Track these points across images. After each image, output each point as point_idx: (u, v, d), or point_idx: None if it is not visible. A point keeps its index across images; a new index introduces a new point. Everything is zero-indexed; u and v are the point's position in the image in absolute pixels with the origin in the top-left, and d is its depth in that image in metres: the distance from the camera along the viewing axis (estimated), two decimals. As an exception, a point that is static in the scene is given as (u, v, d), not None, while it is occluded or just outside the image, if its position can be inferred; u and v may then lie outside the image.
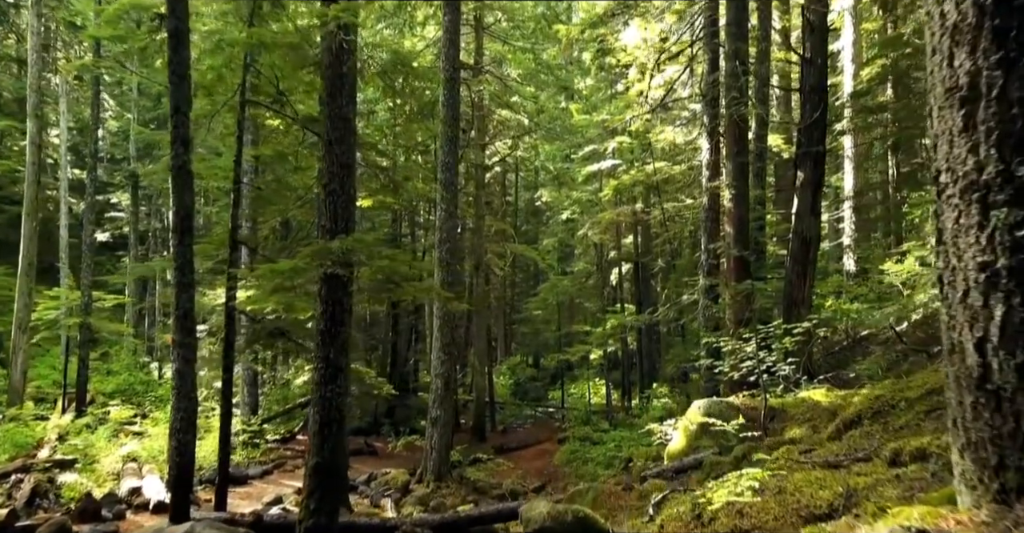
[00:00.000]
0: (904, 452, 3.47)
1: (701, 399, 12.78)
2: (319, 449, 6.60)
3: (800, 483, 3.54)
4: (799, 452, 5.00)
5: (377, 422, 23.55)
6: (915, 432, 4.49)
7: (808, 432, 7.17)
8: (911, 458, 3.38)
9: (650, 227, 24.34)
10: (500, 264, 27.47)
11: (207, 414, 17.54)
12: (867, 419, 5.36)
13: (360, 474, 15.12)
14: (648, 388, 23.80)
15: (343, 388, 6.80)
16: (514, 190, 33.85)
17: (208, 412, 17.69)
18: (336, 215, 6.88)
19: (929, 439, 3.43)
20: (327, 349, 6.77)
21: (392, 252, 7.10)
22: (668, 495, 4.75)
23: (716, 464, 6.98)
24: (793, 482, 3.59)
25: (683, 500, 4.40)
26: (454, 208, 14.38)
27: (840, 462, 4.04)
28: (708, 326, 12.72)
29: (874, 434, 4.83)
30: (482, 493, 14.48)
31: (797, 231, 12.08)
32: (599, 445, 17.63)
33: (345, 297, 6.87)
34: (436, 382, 14.22)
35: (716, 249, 12.79)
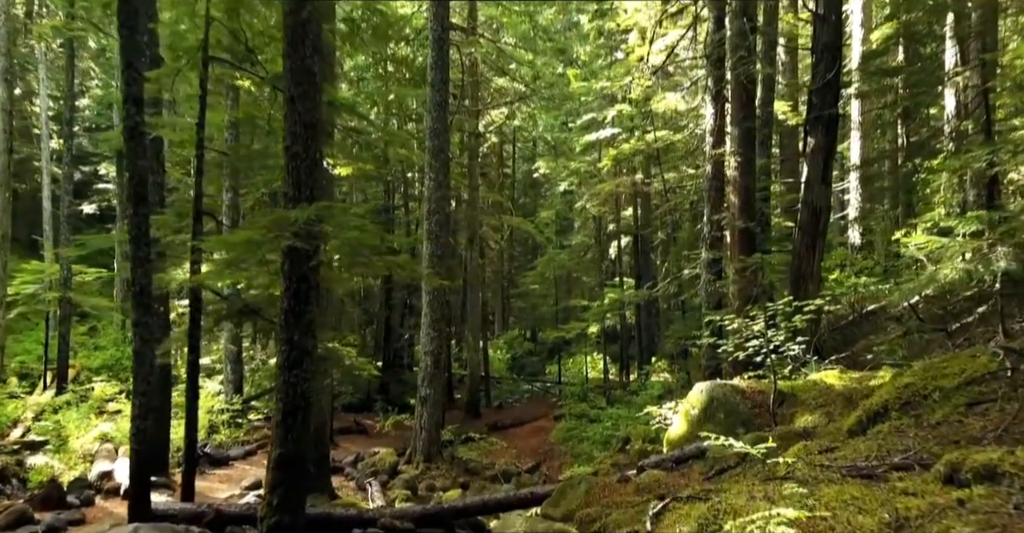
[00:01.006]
0: (964, 467, 2.83)
1: (702, 380, 12.17)
2: (283, 440, 5.98)
3: (832, 502, 2.89)
4: (818, 451, 4.36)
5: (369, 399, 23.06)
6: (958, 431, 3.84)
7: (822, 420, 6.55)
8: (975, 476, 2.73)
9: (650, 199, 23.57)
10: (496, 237, 26.79)
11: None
12: (895, 411, 4.72)
13: (347, 454, 14.61)
14: (647, 363, 23.26)
15: (310, 373, 6.15)
16: (512, 162, 32.99)
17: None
18: (299, 181, 6.16)
19: (1000, 454, 2.78)
20: (291, 330, 6.11)
21: (362, 222, 6.40)
22: (669, 504, 4.12)
23: (721, 456, 6.37)
24: (822, 500, 2.95)
25: (686, 514, 3.77)
26: (443, 177, 13.63)
27: (875, 470, 3.41)
28: (710, 302, 12.06)
29: (906, 431, 4.19)
30: (474, 474, 13.98)
31: (806, 201, 11.36)
32: (596, 423, 17.11)
33: (311, 273, 6.19)
34: (426, 360, 13.62)
35: (720, 221, 12.07)
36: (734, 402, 7.58)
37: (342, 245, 6.26)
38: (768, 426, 7.14)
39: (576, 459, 15.07)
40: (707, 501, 3.88)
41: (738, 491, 3.81)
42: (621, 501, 5.90)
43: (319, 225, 5.91)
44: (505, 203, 28.21)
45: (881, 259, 21.62)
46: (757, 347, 8.04)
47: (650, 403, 16.11)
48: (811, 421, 6.60)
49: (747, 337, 8.27)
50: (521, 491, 7.47)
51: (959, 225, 7.48)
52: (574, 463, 14.92)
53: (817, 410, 6.85)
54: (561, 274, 28.94)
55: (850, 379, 7.55)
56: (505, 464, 14.27)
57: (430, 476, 13.12)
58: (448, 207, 17.45)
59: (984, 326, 8.54)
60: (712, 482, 6.02)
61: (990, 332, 8.18)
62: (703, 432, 7.79)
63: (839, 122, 12.26)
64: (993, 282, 6.95)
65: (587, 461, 14.36)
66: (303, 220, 5.82)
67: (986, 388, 4.31)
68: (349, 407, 22.37)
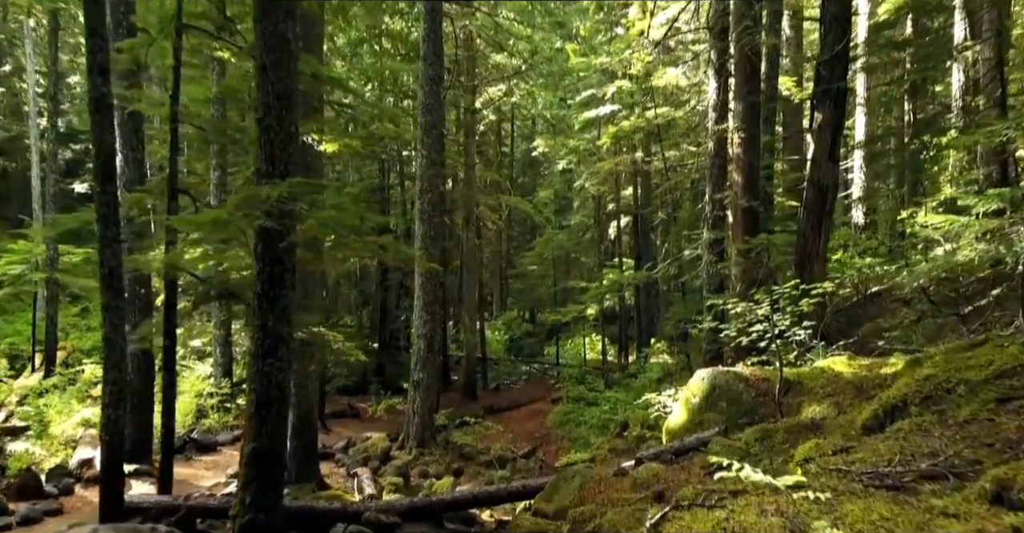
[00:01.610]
0: (1017, 485, 2.44)
1: (702, 363, 11.83)
2: (256, 433, 5.61)
3: (858, 522, 2.50)
4: (832, 450, 3.98)
5: (365, 381, 22.76)
6: (991, 432, 3.45)
7: (831, 410, 6.17)
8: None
9: (650, 177, 23.09)
10: (493, 218, 26.31)
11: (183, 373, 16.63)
12: (915, 406, 4.33)
13: (339, 439, 14.30)
14: (646, 345, 22.93)
15: (286, 362, 5.76)
16: (510, 140, 32.42)
17: (184, 371, 16.79)
18: (273, 156, 5.72)
19: (1061, 472, 2.40)
20: (265, 316, 5.71)
21: (339, 200, 5.97)
22: (668, 513, 3.74)
23: (724, 448, 6.00)
24: (847, 520, 2.57)
25: (687, 526, 3.39)
26: (437, 155, 13.16)
27: (901, 478, 3.02)
28: (711, 284, 11.66)
29: (930, 430, 3.80)
30: (468, 459, 13.67)
31: (813, 179, 10.90)
32: (594, 406, 16.82)
33: (286, 255, 5.78)
34: (419, 343, 13.25)
35: (722, 200, 11.63)
36: (737, 390, 7.21)
37: (319, 225, 5.83)
38: (773, 417, 6.77)
39: (573, 444, 14.78)
40: (711, 510, 3.50)
41: (746, 502, 3.43)
42: (617, 498, 5.54)
43: (293, 203, 5.48)
44: (503, 182, 27.71)
45: (886, 239, 21.21)
46: (761, 332, 7.64)
47: (649, 387, 15.83)
48: (819, 411, 6.22)
49: (751, 321, 7.88)
50: (512, 484, 7.14)
51: (978, 203, 7.05)
52: (571, 448, 14.63)
53: (825, 400, 6.47)
54: (560, 255, 28.53)
55: (859, 366, 7.16)
56: (500, 449, 13.96)
57: (423, 462, 12.81)
58: (442, 186, 17.00)
59: (1000, 310, 8.15)
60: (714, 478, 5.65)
61: (1007, 316, 7.79)
62: (704, 421, 7.44)
63: (847, 96, 11.77)
64: (1016, 264, 6.53)
65: (584, 446, 14.06)
66: (275, 198, 5.39)
67: (1018, 382, 3.92)
68: (344, 390, 22.08)
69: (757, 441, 5.72)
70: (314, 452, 10.36)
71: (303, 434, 10.14)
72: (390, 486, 11.31)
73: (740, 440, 5.98)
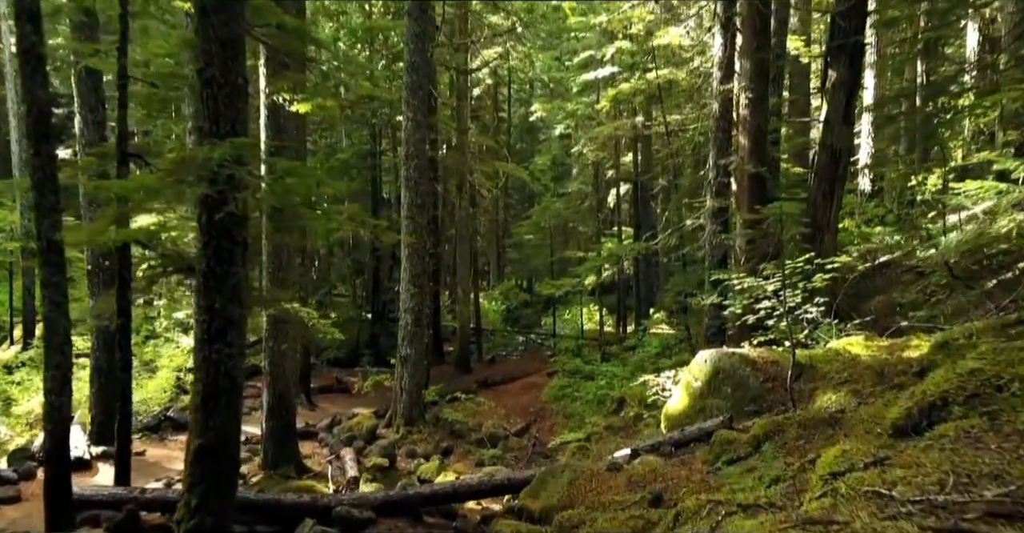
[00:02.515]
0: None
1: (703, 340, 11.22)
2: (203, 428, 4.97)
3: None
4: (864, 462, 3.32)
5: (357, 353, 22.21)
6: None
7: (849, 400, 5.54)
8: None
9: (651, 143, 22.23)
10: (489, 185, 25.48)
11: (163, 346, 16.05)
12: (958, 405, 3.67)
13: (325, 416, 13.75)
14: (645, 316, 22.32)
15: (236, 347, 5.10)
16: (507, 105, 31.41)
17: (165, 345, 16.20)
18: (217, 113, 4.98)
19: None
20: (212, 296, 5.02)
21: (295, 165, 5.24)
22: None
23: (729, 442, 5.38)
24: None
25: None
26: (423, 117, 12.35)
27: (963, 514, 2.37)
28: (714, 255, 10.97)
29: (983, 440, 3.15)
30: (459, 437, 13.14)
31: (825, 143, 10.17)
32: (590, 381, 16.26)
33: (235, 227, 5.07)
34: (406, 317, 12.61)
35: (727, 165, 10.87)
36: (743, 375, 6.58)
37: (272, 193, 5.12)
38: (783, 404, 6.16)
39: (568, 420, 14.25)
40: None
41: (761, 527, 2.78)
42: (609, 501, 4.93)
43: (237, 168, 4.75)
44: (501, 149, 26.82)
45: (895, 207, 20.45)
46: (769, 309, 6.99)
47: (647, 361, 15.27)
48: (836, 401, 5.60)
49: (757, 297, 7.22)
50: (497, 477, 6.54)
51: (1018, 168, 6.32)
52: (566, 425, 14.11)
53: (842, 387, 5.84)
54: (557, 223, 27.75)
55: (878, 348, 6.53)
56: (492, 426, 13.42)
57: (411, 440, 12.28)
58: (430, 151, 16.20)
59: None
60: (719, 474, 5.04)
61: (1040, 293, 7.13)
62: (707, 408, 6.83)
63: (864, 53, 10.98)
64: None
65: (579, 423, 13.53)
66: (217, 161, 4.67)
67: (1090, 382, 3.26)
68: (335, 362, 21.53)
69: (768, 436, 5.09)
70: (292, 433, 9.79)
71: (280, 415, 9.56)
72: (374, 468, 10.79)
73: (748, 433, 5.35)
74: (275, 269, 9.41)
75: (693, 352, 15.02)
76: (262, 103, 9.30)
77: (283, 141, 9.30)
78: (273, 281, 9.41)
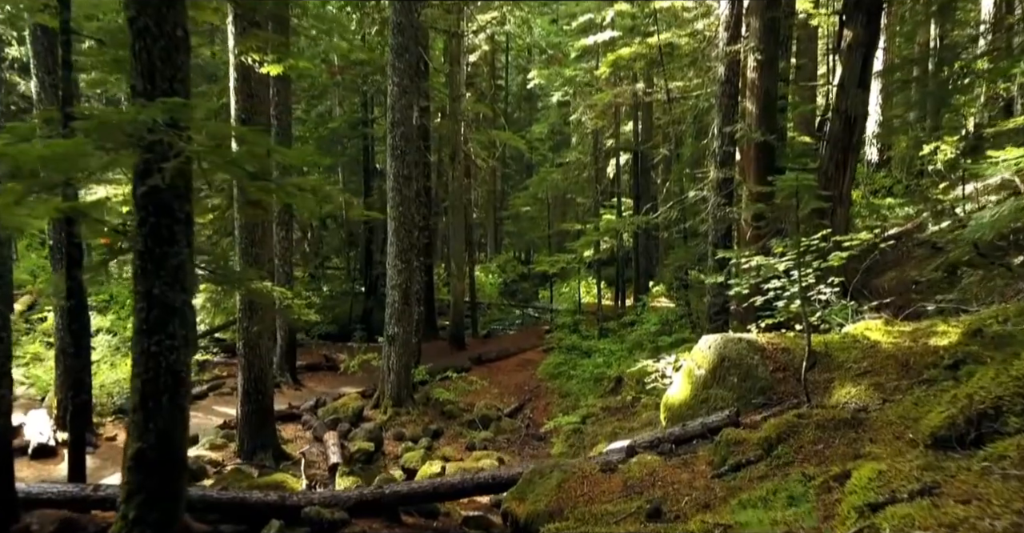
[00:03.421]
0: None
1: (706, 322, 10.64)
2: (143, 431, 4.39)
3: None
4: (909, 489, 2.75)
5: (349, 328, 21.67)
6: None
7: (871, 395, 4.96)
8: None
9: (652, 112, 21.43)
10: (484, 155, 24.71)
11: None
12: (1015, 416, 3.09)
13: (311, 396, 13.23)
14: (644, 290, 21.77)
15: (180, 338, 4.50)
16: (504, 73, 30.46)
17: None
18: (151, 69, 4.30)
19: None
20: (150, 281, 4.41)
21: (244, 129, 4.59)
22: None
23: (736, 443, 4.81)
24: None
25: None
26: (409, 81, 11.59)
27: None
28: (718, 230, 10.33)
29: (1057, 465, 2.58)
30: (450, 418, 12.65)
31: (839, 108, 9.45)
32: (587, 358, 15.75)
33: (176, 201, 4.43)
34: (393, 295, 12.02)
35: (733, 133, 10.17)
36: (750, 363, 5.99)
37: (217, 163, 4.46)
38: (795, 397, 5.58)
39: (564, 399, 13.76)
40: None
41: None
42: (602, 512, 4.38)
43: (172, 133, 4.10)
44: (498, 118, 25.99)
45: (903, 178, 19.73)
46: (778, 289, 6.38)
47: (646, 339, 14.73)
48: (857, 396, 5.02)
49: (765, 277, 6.60)
50: (481, 474, 6.00)
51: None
52: (561, 404, 13.60)
53: (862, 379, 5.26)
54: (555, 195, 27.03)
55: (900, 333, 5.93)
56: (485, 407, 12.92)
57: (399, 423, 11.78)
58: (420, 118, 15.46)
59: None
60: (725, 481, 4.48)
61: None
62: (710, 399, 6.27)
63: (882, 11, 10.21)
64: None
65: (575, 403, 13.03)
66: (149, 124, 4.01)
67: None
68: (327, 336, 21.02)
69: (781, 438, 4.52)
70: (269, 419, 9.26)
71: (256, 400, 9.01)
72: (359, 453, 10.30)
73: (758, 433, 4.78)
74: (248, 245, 8.79)
75: (693, 329, 14.55)
76: (231, 65, 8.58)
77: (253, 106, 8.60)
78: (246, 258, 8.80)
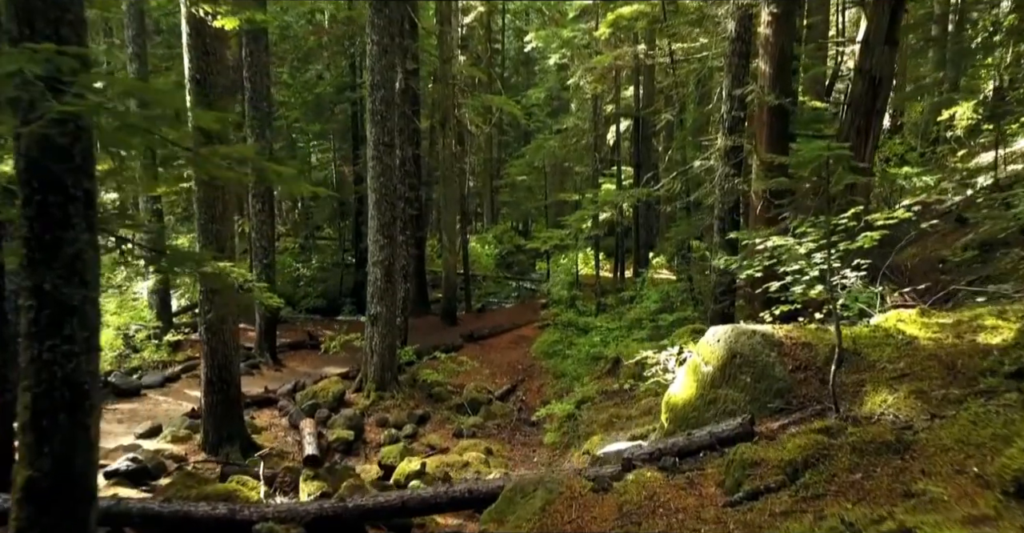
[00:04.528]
0: None
1: (711, 303, 9.84)
2: (36, 454, 3.62)
3: None
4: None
5: (338, 302, 20.93)
6: None
7: (914, 406, 4.17)
8: None
9: (654, 76, 20.35)
10: (479, 121, 23.66)
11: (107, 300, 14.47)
12: None
13: (292, 377, 12.51)
14: (644, 262, 20.96)
15: (80, 342, 3.69)
16: (501, 36, 29.20)
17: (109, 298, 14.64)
18: (30, 11, 3.43)
19: None
20: (39, 274, 3.58)
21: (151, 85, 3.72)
22: None
23: (752, 464, 4.05)
24: None
25: None
26: (389, 40, 10.62)
27: None
28: (726, 203, 9.48)
29: None
30: (437, 402, 11.95)
31: (862, 68, 8.53)
32: (584, 335, 15.02)
33: (71, 174, 3.59)
34: (375, 272, 11.23)
35: (744, 96, 9.25)
36: (766, 361, 5.21)
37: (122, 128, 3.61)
38: (818, 403, 4.81)
39: (558, 381, 13.06)
40: None
41: None
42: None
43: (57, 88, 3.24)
44: (495, 84, 24.90)
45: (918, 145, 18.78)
46: (796, 273, 5.57)
47: (646, 318, 13.96)
48: (894, 406, 4.24)
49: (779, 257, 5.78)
50: (456, 488, 5.25)
51: None
52: (556, 385, 12.91)
53: (900, 384, 4.48)
54: (553, 163, 26.06)
55: (939, 326, 5.14)
56: (475, 389, 12.21)
57: (382, 407, 11.09)
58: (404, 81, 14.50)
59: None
60: (740, 513, 3.72)
61: None
62: (719, 400, 5.50)
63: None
64: None
65: (570, 384, 12.33)
66: (17, 78, 3.16)
67: None
68: (315, 310, 20.30)
69: (808, 462, 3.75)
70: (236, 409, 8.52)
71: (221, 389, 8.27)
72: (338, 442, 9.61)
73: (779, 452, 4.01)
74: (207, 221, 7.95)
75: (696, 307, 13.80)
76: (183, 18, 7.64)
77: (209, 64, 7.68)
78: (205, 235, 7.97)
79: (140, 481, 7.02)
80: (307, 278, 22.92)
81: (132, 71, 12.54)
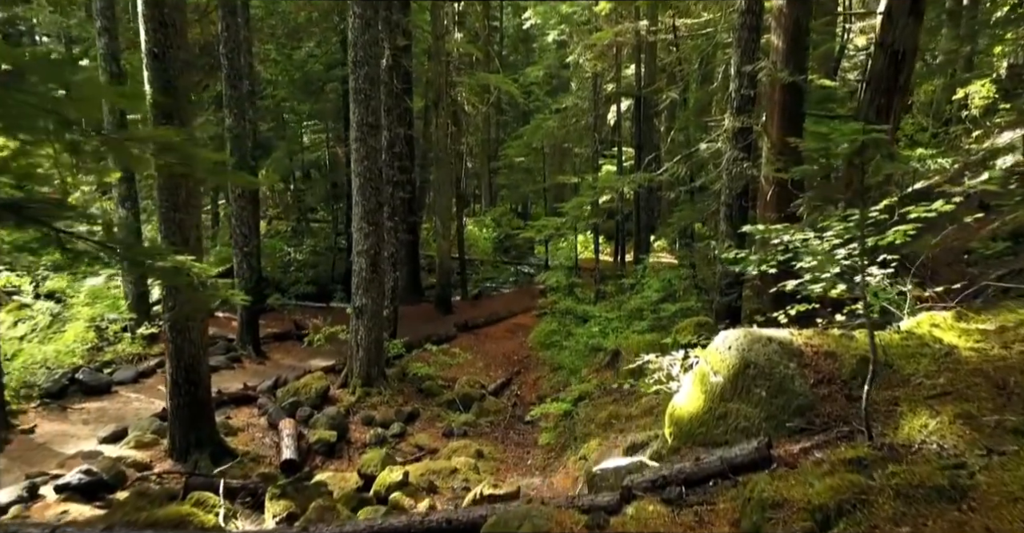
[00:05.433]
0: None
1: (717, 295, 9.22)
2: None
3: None
4: None
5: (329, 288, 20.27)
6: None
7: (959, 433, 3.55)
8: None
9: (656, 54, 19.55)
10: (475, 100, 22.86)
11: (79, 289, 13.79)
12: None
13: (276, 371, 11.92)
14: (645, 247, 20.34)
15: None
16: (500, 12, 28.27)
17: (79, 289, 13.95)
18: None
19: None
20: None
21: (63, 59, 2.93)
22: None
23: (773, 506, 3.43)
24: None
25: None
26: (373, 13, 9.88)
27: None
28: (734, 189, 8.80)
29: None
30: (428, 397, 11.37)
31: (884, 42, 7.81)
32: (582, 325, 14.41)
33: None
34: (360, 262, 10.59)
35: (754, 73, 8.53)
36: (784, 373, 4.58)
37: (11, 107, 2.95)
38: (846, 422, 4.19)
39: (555, 373, 12.47)
40: None
41: None
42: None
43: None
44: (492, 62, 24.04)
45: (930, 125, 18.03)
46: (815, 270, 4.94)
47: (647, 308, 13.32)
48: (938, 433, 3.61)
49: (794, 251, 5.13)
50: (432, 516, 4.64)
51: None
52: (552, 378, 12.33)
53: (942, 404, 3.85)
54: (552, 144, 25.27)
55: (981, 334, 4.51)
56: (467, 383, 11.64)
57: (369, 404, 10.51)
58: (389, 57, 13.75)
59: None
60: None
61: None
62: (730, 415, 4.89)
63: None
64: None
65: (567, 378, 11.75)
66: None
67: None
68: (305, 296, 19.65)
69: (842, 509, 3.14)
70: (206, 412, 7.92)
71: (188, 392, 7.66)
72: (319, 444, 9.03)
73: (805, 490, 3.40)
74: (169, 209, 7.29)
75: (699, 297, 13.17)
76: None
77: (170, 39, 6.98)
78: (167, 225, 7.32)
79: (95, 495, 6.43)
80: (298, 263, 22.24)
81: (101, 47, 11.80)
